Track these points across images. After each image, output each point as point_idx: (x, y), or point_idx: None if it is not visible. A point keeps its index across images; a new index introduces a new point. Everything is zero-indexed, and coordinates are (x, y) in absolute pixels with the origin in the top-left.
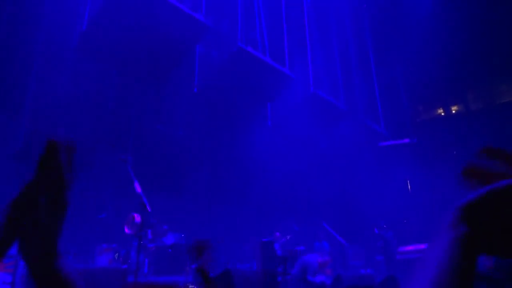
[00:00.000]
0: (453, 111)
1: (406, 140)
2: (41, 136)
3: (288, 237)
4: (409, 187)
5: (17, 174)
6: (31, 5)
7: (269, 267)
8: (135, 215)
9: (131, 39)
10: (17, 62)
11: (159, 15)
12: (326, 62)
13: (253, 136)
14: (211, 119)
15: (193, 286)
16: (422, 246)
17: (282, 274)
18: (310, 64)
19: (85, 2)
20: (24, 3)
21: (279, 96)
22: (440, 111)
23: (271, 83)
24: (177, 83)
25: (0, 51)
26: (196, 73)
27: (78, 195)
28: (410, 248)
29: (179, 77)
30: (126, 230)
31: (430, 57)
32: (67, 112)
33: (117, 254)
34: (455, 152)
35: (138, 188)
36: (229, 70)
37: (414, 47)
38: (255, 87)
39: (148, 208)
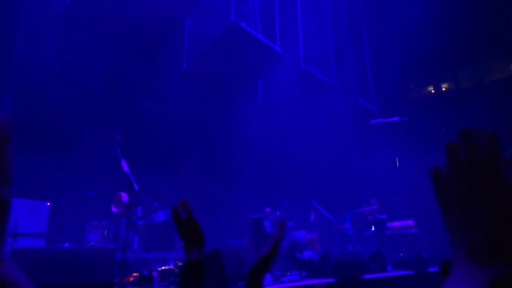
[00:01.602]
0: (444, 89)
1: (396, 118)
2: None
3: (278, 213)
4: (397, 164)
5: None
6: None
7: (259, 243)
8: (122, 194)
9: (118, 12)
10: (0, 35)
11: None
12: (318, 38)
13: (244, 113)
14: (201, 96)
15: (181, 263)
16: (409, 222)
17: None
18: (301, 41)
19: None
20: None
21: (270, 72)
22: (431, 88)
23: (262, 59)
24: (167, 59)
25: None
26: (185, 48)
27: (67, 171)
28: (397, 223)
29: (169, 52)
30: (113, 209)
31: (422, 34)
32: (53, 86)
33: (106, 231)
34: (443, 130)
35: (125, 167)
36: (220, 45)
37: (406, 23)
38: (246, 63)
39: (135, 187)
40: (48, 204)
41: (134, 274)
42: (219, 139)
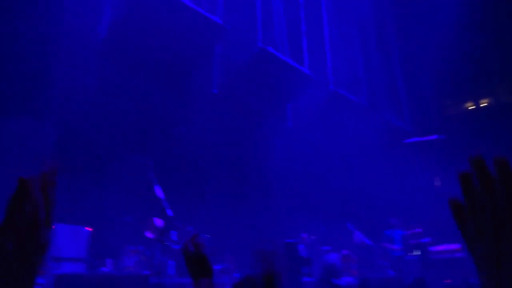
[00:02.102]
0: (483, 105)
1: (434, 136)
2: (68, 142)
3: (314, 237)
4: (437, 185)
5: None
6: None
7: (293, 268)
8: (156, 219)
9: (150, 43)
10: (42, 67)
11: (177, 17)
12: (346, 58)
13: (274, 136)
14: (231, 121)
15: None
16: (455, 246)
17: (307, 275)
18: (329, 61)
19: (105, 8)
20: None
21: (299, 95)
22: (469, 104)
23: (291, 82)
24: (197, 85)
25: (27, 57)
26: (215, 74)
27: (104, 196)
28: (442, 247)
29: (199, 78)
30: (148, 235)
31: (457, 47)
32: (91, 114)
33: (143, 256)
34: (483, 148)
35: (158, 192)
36: (248, 70)
37: (439, 37)
38: (274, 87)
39: (169, 213)
40: (88, 229)
41: None
42: (250, 164)
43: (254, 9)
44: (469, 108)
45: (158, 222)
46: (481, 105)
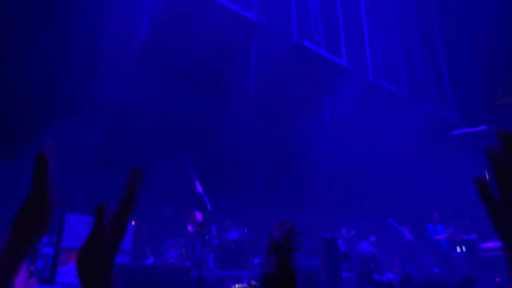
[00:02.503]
0: None
1: (483, 127)
2: (113, 143)
3: (353, 232)
4: (487, 178)
5: (95, 180)
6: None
7: (332, 263)
8: (197, 213)
9: (187, 44)
10: (86, 70)
11: (212, 17)
12: (386, 48)
13: (312, 131)
14: (268, 117)
15: (255, 282)
16: None
17: (347, 271)
18: (368, 52)
19: (144, 13)
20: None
21: (337, 89)
22: None
23: (328, 76)
24: (234, 82)
25: (73, 63)
26: (252, 71)
27: (148, 192)
28: (492, 244)
29: (235, 76)
30: (189, 228)
31: (505, 30)
32: (132, 117)
33: (184, 249)
34: None
35: (199, 188)
36: (285, 65)
37: (487, 19)
38: (312, 81)
39: (209, 207)
40: (133, 223)
41: None
42: (289, 159)
43: (289, 3)
44: None
45: (199, 216)
46: None
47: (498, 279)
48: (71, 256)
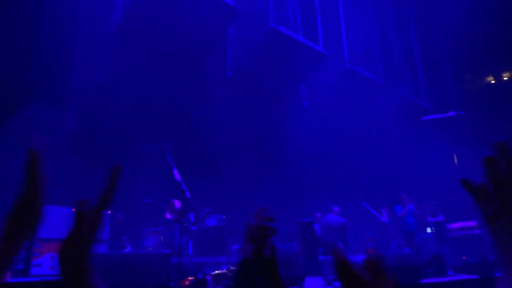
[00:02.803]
0: (505, 78)
1: (452, 113)
2: (88, 128)
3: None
4: (456, 162)
5: (69, 168)
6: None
7: (309, 247)
8: (175, 201)
9: (163, 28)
10: (59, 55)
11: (189, 2)
12: (362, 35)
13: (289, 116)
14: (246, 102)
15: (234, 268)
16: (472, 223)
17: (323, 254)
18: (344, 39)
19: None
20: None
21: (314, 74)
22: (490, 79)
23: (305, 62)
24: (211, 68)
25: (43, 45)
26: (229, 57)
27: (123, 180)
28: (459, 225)
29: (213, 61)
30: (168, 216)
31: (475, 19)
32: (108, 102)
33: (162, 237)
34: (506, 123)
35: (177, 175)
36: (262, 51)
37: (457, 9)
38: (289, 67)
39: (187, 194)
40: (109, 212)
41: (190, 278)
42: (266, 145)
43: None
44: (490, 82)
45: (178, 204)
46: (504, 79)
47: (464, 257)
48: (45, 247)
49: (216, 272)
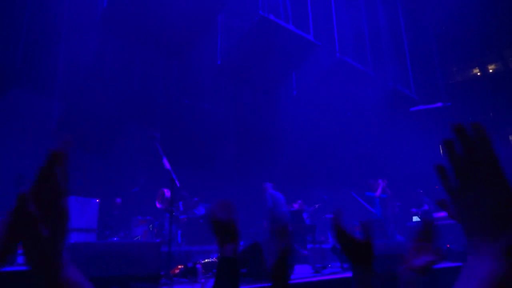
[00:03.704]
0: (491, 70)
1: (439, 104)
2: (72, 115)
3: (317, 206)
4: (442, 152)
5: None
6: None
7: (298, 235)
8: (165, 190)
9: (152, 13)
10: (45, 40)
11: None
12: (353, 26)
13: (279, 106)
14: (236, 91)
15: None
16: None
17: (311, 242)
18: (335, 29)
19: None
20: None
21: (304, 64)
22: (476, 71)
23: (295, 51)
24: (201, 57)
25: (28, 31)
26: (218, 45)
27: (112, 169)
28: (443, 214)
29: (202, 49)
30: (157, 205)
31: (462, 12)
32: (95, 89)
33: (151, 226)
34: (491, 114)
35: (166, 164)
36: (252, 40)
37: (446, 2)
38: (279, 56)
39: (177, 183)
40: (97, 200)
41: (179, 267)
42: (256, 133)
43: None
44: (476, 74)
45: (167, 192)
46: (489, 71)
47: (448, 245)
48: None
49: (206, 260)
